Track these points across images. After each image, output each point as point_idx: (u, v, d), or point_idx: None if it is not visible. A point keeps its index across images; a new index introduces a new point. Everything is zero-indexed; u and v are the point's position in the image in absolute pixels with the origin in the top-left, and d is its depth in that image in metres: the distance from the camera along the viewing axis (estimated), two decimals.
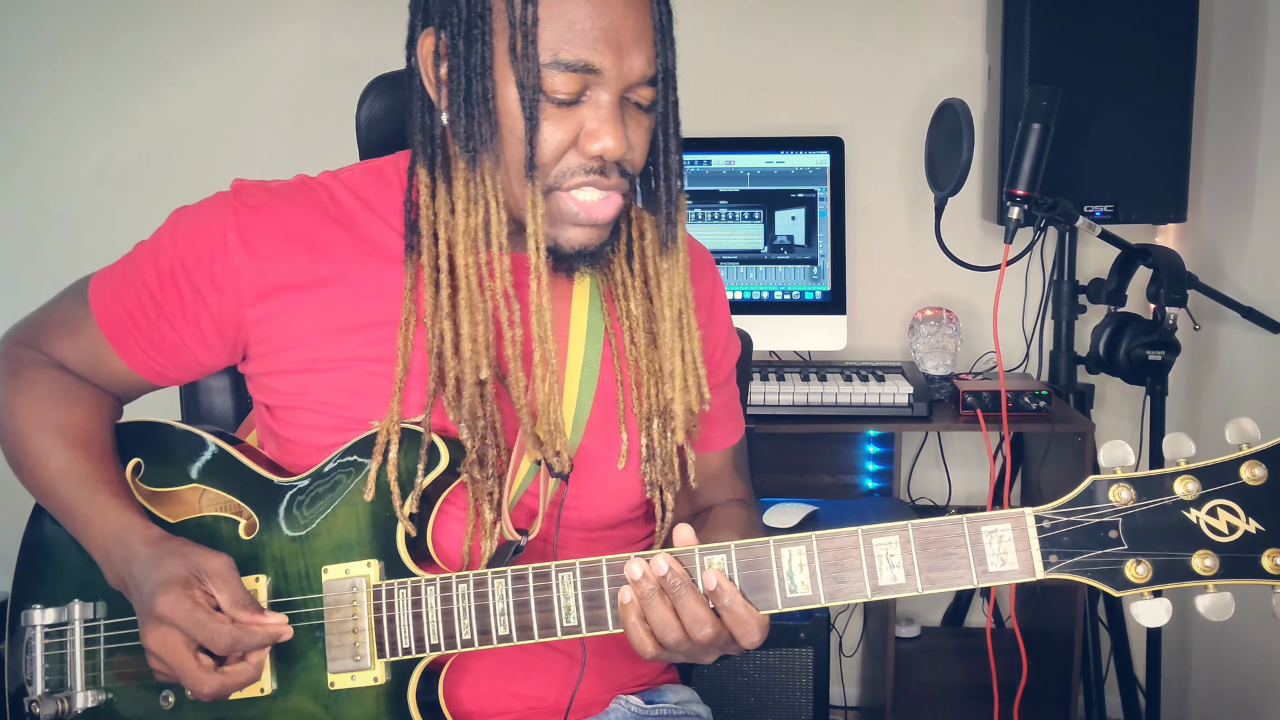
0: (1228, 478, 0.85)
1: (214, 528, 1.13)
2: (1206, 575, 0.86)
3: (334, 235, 1.12)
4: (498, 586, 1.01)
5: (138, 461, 1.17)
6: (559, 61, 0.98)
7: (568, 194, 1.03)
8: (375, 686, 1.05)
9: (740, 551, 0.96)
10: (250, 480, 1.13)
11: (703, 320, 1.20)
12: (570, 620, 0.99)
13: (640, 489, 1.16)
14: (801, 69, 2.50)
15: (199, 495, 1.16)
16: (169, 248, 1.12)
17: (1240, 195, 2.21)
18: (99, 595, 1.16)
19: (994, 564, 0.90)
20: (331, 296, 1.10)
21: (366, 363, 1.10)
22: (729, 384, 1.29)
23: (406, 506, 1.05)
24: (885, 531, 0.92)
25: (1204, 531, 0.86)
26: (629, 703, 1.21)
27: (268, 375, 1.13)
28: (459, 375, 1.06)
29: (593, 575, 0.99)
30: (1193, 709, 2.36)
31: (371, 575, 1.06)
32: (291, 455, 1.14)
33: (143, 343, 1.14)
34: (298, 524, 1.10)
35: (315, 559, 1.08)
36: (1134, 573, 0.87)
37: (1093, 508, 0.88)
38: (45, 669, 1.16)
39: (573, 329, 1.14)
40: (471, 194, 1.04)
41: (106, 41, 2.53)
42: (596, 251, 1.07)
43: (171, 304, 1.12)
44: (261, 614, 1.04)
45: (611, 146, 1.01)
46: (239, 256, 1.10)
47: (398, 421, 1.07)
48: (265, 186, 1.14)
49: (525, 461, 1.11)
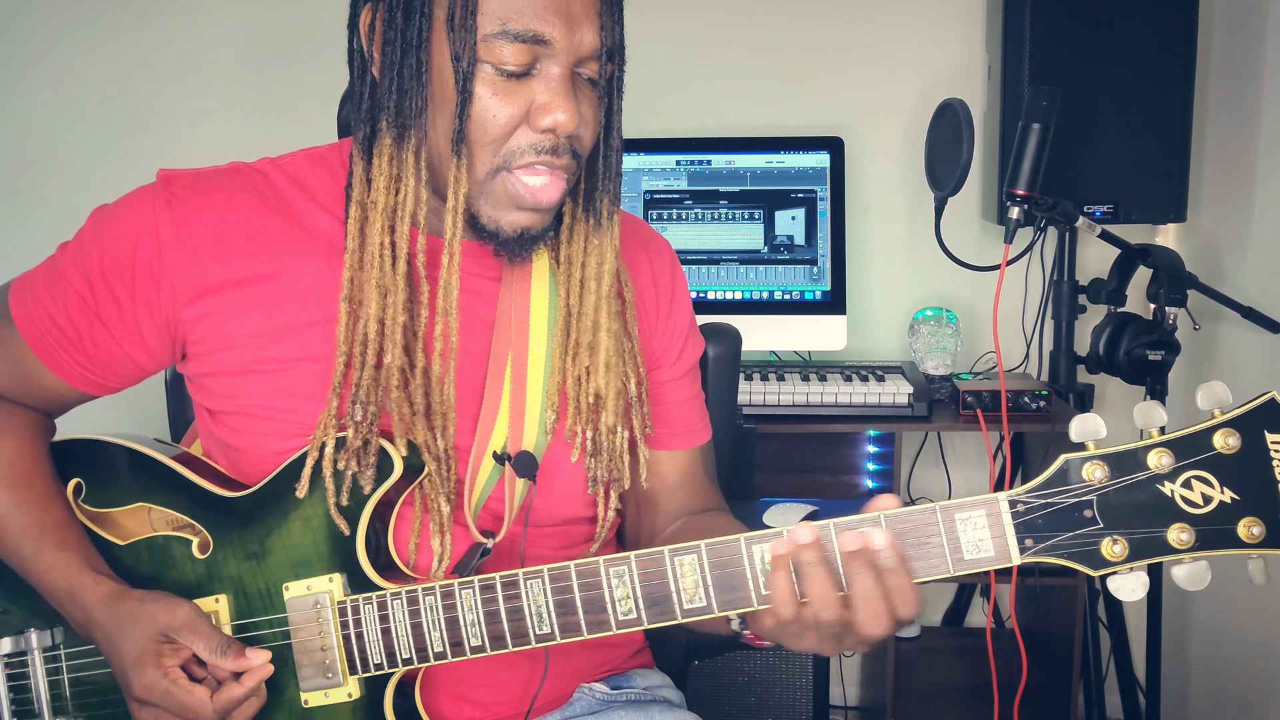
0: (1201, 448, 0.85)
1: (165, 549, 1.08)
2: (1183, 549, 0.84)
3: (272, 226, 1.06)
4: (466, 597, 0.98)
5: (78, 482, 1.12)
6: (507, 31, 0.96)
7: (515, 175, 1.00)
8: (350, 702, 1.03)
9: (710, 550, 0.93)
10: (198, 496, 1.08)
11: (662, 310, 1.19)
12: (543, 628, 0.97)
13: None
14: (801, 69, 2.50)
15: (146, 514, 1.11)
16: (95, 250, 1.05)
17: (1240, 195, 2.21)
18: (56, 622, 1.12)
19: (970, 552, 0.88)
20: (271, 292, 1.05)
21: (309, 363, 1.05)
22: (691, 380, 1.24)
23: (368, 510, 1.02)
24: (858, 523, 0.89)
25: (1179, 505, 0.85)
26: (592, 690, 1.18)
27: (206, 377, 1.07)
28: (361, 360, 1.02)
29: (562, 581, 0.96)
30: (1192, 708, 2.36)
31: (335, 590, 1.02)
32: (240, 464, 1.09)
33: (76, 354, 1.07)
34: (253, 540, 1.05)
35: (275, 576, 1.04)
36: (1110, 551, 0.85)
37: (1067, 488, 0.87)
38: (10, 698, 1.13)
39: (533, 325, 1.10)
40: (393, 171, 1.01)
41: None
42: (539, 235, 1.04)
43: (107, 309, 1.05)
44: (243, 655, 1.01)
45: (564, 120, 0.98)
46: (172, 252, 1.03)
47: (334, 415, 1.02)
48: (196, 175, 1.07)
49: (486, 462, 1.08)
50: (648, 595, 0.94)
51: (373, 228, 1.02)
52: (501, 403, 1.09)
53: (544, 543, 1.14)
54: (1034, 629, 2.29)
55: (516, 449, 1.08)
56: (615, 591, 0.95)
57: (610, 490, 1.13)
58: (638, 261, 1.20)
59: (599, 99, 1.03)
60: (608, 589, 0.95)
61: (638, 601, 0.95)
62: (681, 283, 1.25)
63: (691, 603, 0.94)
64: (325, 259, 1.06)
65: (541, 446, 1.10)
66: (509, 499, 1.09)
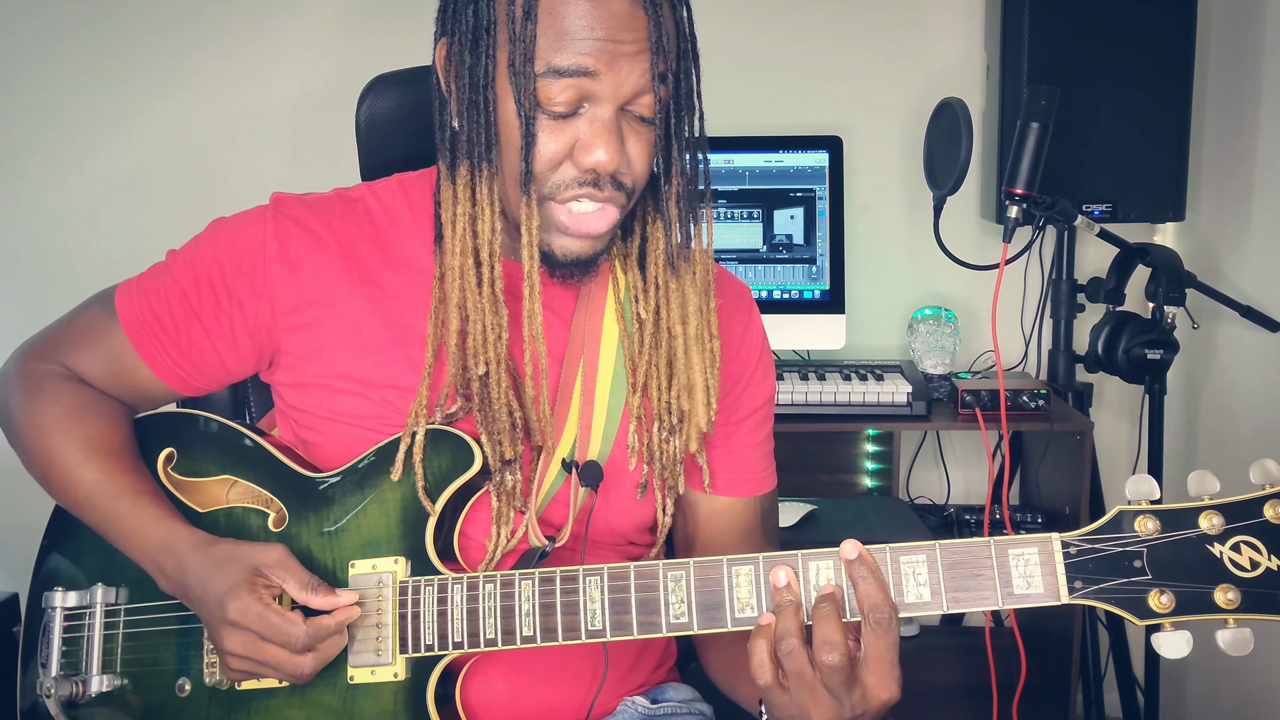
0: (1252, 514, 0.87)
1: (243, 519, 1.13)
2: (1229, 609, 0.87)
3: (368, 249, 1.13)
4: (524, 588, 1.01)
5: (170, 451, 1.17)
6: (553, 69, 0.99)
7: (562, 205, 1.04)
8: (394, 683, 1.05)
9: (768, 564, 0.95)
10: (283, 474, 1.13)
11: (729, 357, 1.20)
12: (595, 624, 0.99)
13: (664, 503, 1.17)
14: (800, 68, 2.50)
15: (228, 487, 1.16)
16: (208, 253, 1.13)
17: (1239, 194, 2.21)
18: (122, 581, 1.17)
19: (1019, 587, 0.91)
20: (363, 312, 1.12)
21: (391, 387, 1.11)
22: (757, 427, 1.24)
23: (442, 500, 1.06)
24: (913, 550, 0.93)
25: (1227, 566, 0.87)
26: (635, 704, 1.21)
27: (293, 386, 1.14)
28: (463, 367, 1.08)
29: (620, 580, 0.99)
30: (1191, 708, 2.36)
31: (399, 572, 1.06)
32: (316, 455, 1.15)
33: (171, 349, 1.14)
34: (327, 519, 1.10)
35: (343, 554, 1.08)
36: (1157, 603, 0.88)
37: (1118, 536, 0.89)
38: (62, 652, 1.17)
39: (604, 343, 1.15)
40: (470, 199, 1.06)
41: (109, 51, 2.52)
42: (590, 260, 1.08)
43: (207, 308, 1.13)
44: (333, 593, 1.04)
45: (604, 160, 1.01)
46: (276, 266, 1.11)
47: (425, 404, 1.08)
48: (303, 200, 1.16)
49: (553, 468, 1.12)
50: (701, 601, 0.97)
51: (453, 252, 1.07)
52: (571, 411, 1.13)
53: (601, 559, 1.16)
54: (1033, 628, 2.29)
55: (583, 458, 1.13)
56: (670, 595, 0.97)
57: (666, 497, 1.16)
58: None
59: (653, 133, 1.05)
60: (663, 591, 0.98)
61: (691, 606, 0.97)
62: (756, 329, 1.26)
63: (743, 612, 0.96)
64: (414, 281, 1.12)
65: (604, 456, 1.14)
66: (572, 505, 1.13)
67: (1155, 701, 2.09)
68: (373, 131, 1.45)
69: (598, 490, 1.12)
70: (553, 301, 1.15)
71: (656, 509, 1.17)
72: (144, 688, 1.14)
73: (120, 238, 2.53)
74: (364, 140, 1.46)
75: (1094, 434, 2.08)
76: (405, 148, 1.37)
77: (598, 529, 1.15)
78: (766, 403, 1.26)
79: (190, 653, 1.13)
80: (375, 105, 1.45)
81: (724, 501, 1.22)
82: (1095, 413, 2.37)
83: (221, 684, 1.10)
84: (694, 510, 1.23)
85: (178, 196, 2.53)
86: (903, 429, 2.17)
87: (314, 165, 2.45)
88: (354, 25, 2.50)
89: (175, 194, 2.54)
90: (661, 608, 0.97)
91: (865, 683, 0.91)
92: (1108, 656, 2.24)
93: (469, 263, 1.07)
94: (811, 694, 0.91)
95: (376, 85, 1.46)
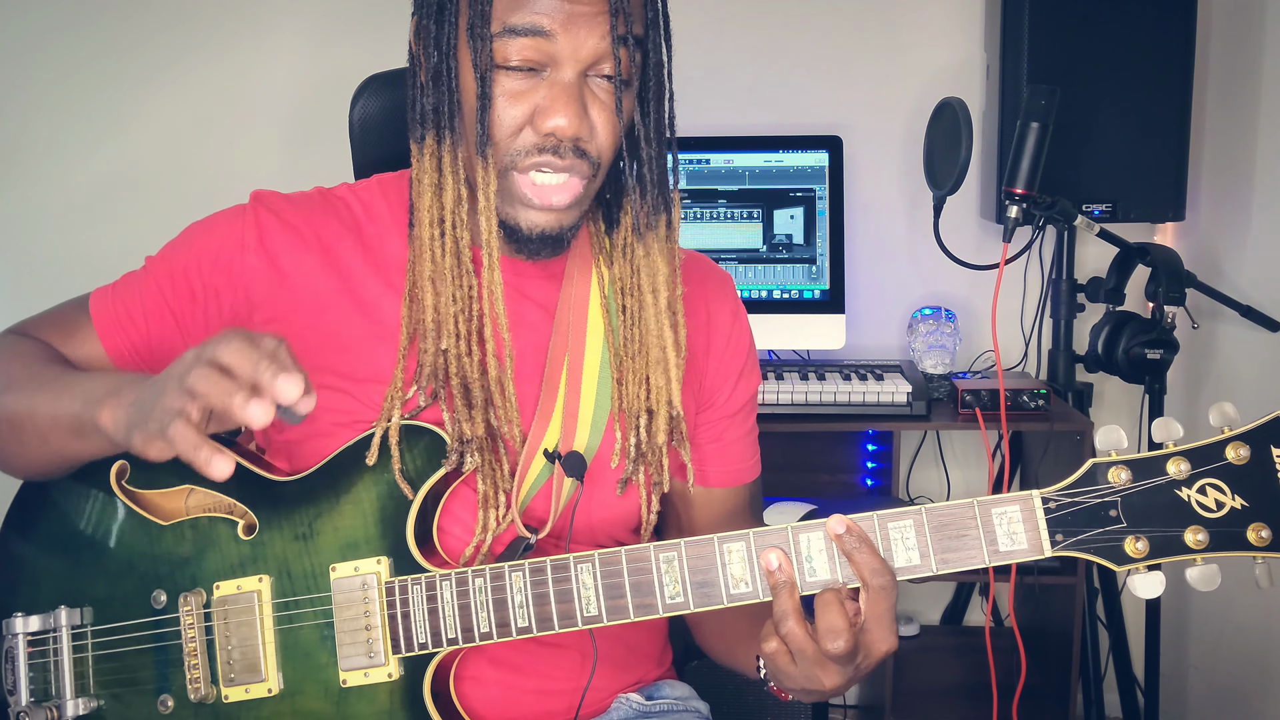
0: (1215, 458, 0.91)
1: (210, 529, 1.10)
2: (1198, 549, 0.91)
3: (347, 246, 1.13)
4: (515, 580, 1.01)
5: (123, 463, 1.12)
6: (508, 28, 0.98)
7: (523, 175, 1.03)
8: (389, 683, 1.04)
9: (758, 538, 0.97)
10: (248, 479, 1.10)
11: (714, 350, 1.20)
12: (590, 610, 0.99)
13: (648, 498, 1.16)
14: (800, 67, 2.50)
15: (186, 495, 1.13)
16: (184, 251, 1.13)
17: (1239, 194, 2.21)
18: (86, 601, 1.13)
19: (1004, 544, 0.94)
20: (342, 307, 1.11)
21: (371, 382, 1.10)
22: (743, 419, 1.26)
23: (421, 494, 1.05)
24: (900, 516, 0.95)
25: (1195, 508, 0.91)
26: (630, 701, 1.21)
27: None
28: (423, 345, 1.07)
29: (612, 565, 0.99)
30: (1190, 707, 2.36)
31: (382, 572, 1.05)
32: (294, 456, 1.13)
33: (138, 343, 1.14)
34: (301, 522, 1.08)
35: (321, 557, 1.07)
36: (1133, 548, 0.92)
37: (1094, 488, 0.93)
38: (30, 678, 1.13)
39: (589, 336, 1.14)
40: (436, 170, 1.06)
41: (103, 50, 2.52)
42: (557, 237, 1.06)
43: (182, 302, 1.12)
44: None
45: (563, 125, 1.00)
46: (254, 257, 1.11)
47: (400, 388, 1.07)
48: (283, 195, 1.16)
49: (536, 461, 1.10)
50: (695, 580, 0.98)
51: (421, 224, 1.07)
52: (556, 403, 1.12)
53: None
54: (1033, 627, 2.29)
55: (568, 449, 1.11)
56: (664, 576, 0.98)
57: (651, 493, 1.15)
58: (691, 296, 1.18)
59: (629, 103, 1.04)
60: (656, 573, 0.98)
61: (685, 586, 0.98)
62: (741, 322, 1.26)
63: (737, 588, 0.97)
64: (393, 278, 1.11)
65: (592, 450, 1.13)
66: (555, 497, 1.11)
67: (1155, 701, 2.09)
68: (366, 131, 1.45)
69: (583, 480, 1.11)
70: (536, 293, 1.14)
71: (641, 506, 1.16)
72: (124, 707, 1.11)
73: (114, 236, 2.51)
74: (357, 140, 1.46)
75: (1094, 434, 2.07)
76: (398, 147, 1.35)
77: (581, 524, 1.14)
78: (756, 392, 1.28)
79: (170, 669, 1.10)
80: (369, 105, 1.45)
81: (716, 491, 1.24)
82: (1095, 412, 2.37)
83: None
84: (684, 500, 1.23)
85: (172, 195, 2.53)
86: (903, 429, 2.17)
87: (308, 164, 2.46)
88: (348, 25, 2.50)
89: (169, 193, 2.54)
90: (656, 589, 0.98)
91: (868, 642, 0.94)
92: (1108, 656, 2.24)
93: (435, 233, 1.06)
94: (820, 667, 0.94)
95: (370, 85, 1.46)
